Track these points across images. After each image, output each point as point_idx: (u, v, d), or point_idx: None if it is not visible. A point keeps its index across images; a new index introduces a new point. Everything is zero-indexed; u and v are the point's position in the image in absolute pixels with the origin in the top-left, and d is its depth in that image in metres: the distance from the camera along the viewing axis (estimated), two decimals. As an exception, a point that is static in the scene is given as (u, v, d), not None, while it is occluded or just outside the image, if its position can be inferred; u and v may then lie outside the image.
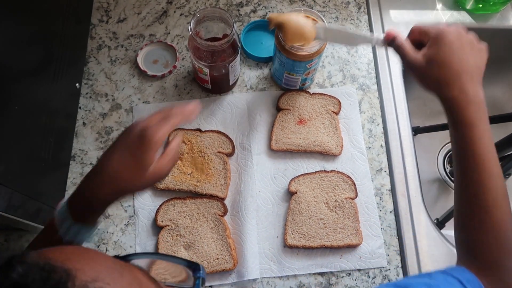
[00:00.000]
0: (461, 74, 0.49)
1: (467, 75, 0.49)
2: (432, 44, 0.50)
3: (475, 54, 0.50)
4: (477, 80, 0.50)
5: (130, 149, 0.49)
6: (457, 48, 0.49)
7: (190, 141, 0.75)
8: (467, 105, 0.48)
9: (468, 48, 0.50)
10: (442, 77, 0.50)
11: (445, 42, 0.49)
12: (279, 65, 0.75)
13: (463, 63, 0.49)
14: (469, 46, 0.50)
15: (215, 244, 0.69)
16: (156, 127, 0.49)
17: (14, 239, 0.71)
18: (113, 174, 0.48)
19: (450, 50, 0.49)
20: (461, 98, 0.49)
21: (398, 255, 0.72)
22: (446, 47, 0.49)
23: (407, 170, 0.77)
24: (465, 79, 0.49)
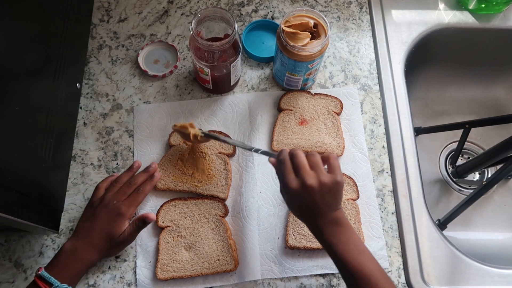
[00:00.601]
0: (310, 217, 0.58)
1: (318, 215, 0.56)
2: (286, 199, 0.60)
3: (326, 196, 0.56)
4: (328, 211, 0.57)
5: (107, 222, 0.65)
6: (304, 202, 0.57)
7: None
8: (321, 232, 0.56)
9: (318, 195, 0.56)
10: (298, 215, 0.60)
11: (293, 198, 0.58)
12: (281, 65, 0.75)
13: (311, 209, 0.57)
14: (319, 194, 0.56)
15: (216, 245, 0.69)
16: (126, 206, 0.66)
17: (14, 240, 0.70)
18: (96, 241, 0.64)
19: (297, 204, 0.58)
20: (315, 231, 0.58)
21: (400, 256, 0.72)
22: (295, 202, 0.58)
23: (409, 171, 0.77)
24: (315, 217, 0.57)
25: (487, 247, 0.96)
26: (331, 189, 0.57)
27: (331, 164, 0.59)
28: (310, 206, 0.56)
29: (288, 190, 0.57)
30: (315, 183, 0.56)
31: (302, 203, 0.57)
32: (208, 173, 0.73)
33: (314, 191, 0.56)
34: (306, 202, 0.56)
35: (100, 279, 0.69)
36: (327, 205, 0.57)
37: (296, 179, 0.57)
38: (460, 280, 0.71)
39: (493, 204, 1.01)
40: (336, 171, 0.58)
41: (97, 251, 0.64)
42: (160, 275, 0.67)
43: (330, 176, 0.57)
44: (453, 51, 0.98)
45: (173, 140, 0.75)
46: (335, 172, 0.58)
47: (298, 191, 0.56)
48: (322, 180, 0.56)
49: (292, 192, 0.56)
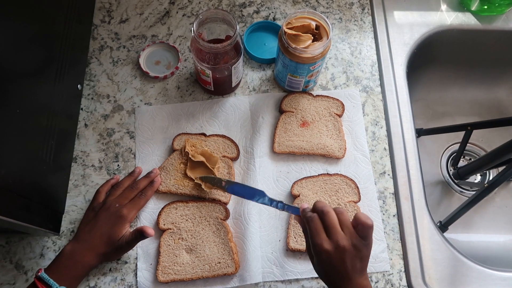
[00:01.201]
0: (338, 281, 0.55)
1: (345, 279, 0.54)
2: (315, 260, 0.56)
3: (355, 260, 0.54)
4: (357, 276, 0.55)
5: (108, 226, 0.66)
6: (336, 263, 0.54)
7: (195, 145, 0.75)
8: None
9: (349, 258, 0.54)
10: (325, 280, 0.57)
11: (324, 261, 0.54)
12: (282, 67, 0.74)
13: (340, 273, 0.54)
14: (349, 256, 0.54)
15: (217, 248, 0.69)
16: (128, 210, 0.67)
17: (15, 242, 0.70)
18: (96, 244, 0.65)
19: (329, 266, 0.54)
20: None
21: (401, 259, 0.71)
22: (325, 265, 0.55)
23: (410, 173, 0.77)
24: (342, 282, 0.54)
25: (489, 249, 0.95)
26: (362, 253, 0.55)
27: (364, 231, 0.55)
28: (339, 269, 0.54)
29: (319, 251, 0.54)
30: (348, 245, 0.54)
31: (332, 265, 0.54)
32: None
33: (346, 254, 0.54)
34: (336, 264, 0.54)
35: (101, 281, 0.69)
36: (355, 269, 0.55)
37: (329, 241, 0.54)
38: (462, 282, 0.71)
39: (494, 206, 1.01)
40: (368, 239, 0.56)
41: (96, 254, 0.64)
42: (161, 277, 0.67)
43: (361, 240, 0.55)
44: (455, 52, 0.98)
45: (176, 145, 0.75)
46: (367, 239, 0.56)
47: (330, 253, 0.54)
48: (354, 244, 0.54)
49: (324, 253, 0.54)
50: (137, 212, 0.69)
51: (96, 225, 0.66)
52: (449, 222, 0.89)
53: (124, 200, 0.69)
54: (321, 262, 0.55)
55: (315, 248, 0.55)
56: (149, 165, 0.75)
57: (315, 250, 0.55)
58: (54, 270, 0.62)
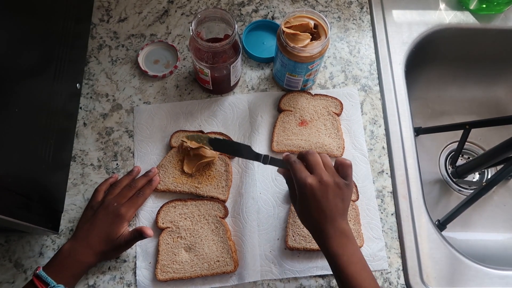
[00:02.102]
0: (321, 220, 0.56)
1: (329, 218, 0.56)
2: (299, 196, 0.58)
3: (338, 199, 0.57)
4: (339, 217, 0.57)
5: (107, 224, 0.66)
6: (318, 200, 0.56)
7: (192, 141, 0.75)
8: (329, 240, 0.56)
9: (331, 195, 0.56)
10: (308, 222, 0.59)
11: (307, 197, 0.56)
12: (281, 66, 0.75)
13: (323, 210, 0.56)
14: (332, 193, 0.56)
15: (216, 246, 0.69)
16: (126, 208, 0.67)
17: (14, 240, 0.70)
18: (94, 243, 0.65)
19: (312, 203, 0.56)
20: (324, 237, 0.56)
21: (399, 257, 0.72)
22: (309, 201, 0.57)
23: (408, 172, 0.77)
24: (325, 221, 0.56)
25: (487, 247, 0.96)
26: (343, 192, 0.57)
27: (344, 171, 0.59)
28: (322, 205, 0.56)
29: (303, 185, 0.56)
30: (331, 181, 0.57)
31: (315, 201, 0.56)
32: (208, 175, 0.73)
33: (328, 189, 0.56)
34: (319, 200, 0.56)
35: (100, 279, 0.69)
36: (337, 209, 0.57)
37: (312, 176, 0.57)
38: (460, 281, 0.71)
39: (493, 205, 1.01)
40: (349, 178, 0.59)
41: (95, 253, 0.65)
42: (160, 276, 0.67)
43: (343, 180, 0.58)
44: (454, 51, 0.98)
45: (174, 142, 0.75)
46: (348, 179, 0.58)
47: (314, 187, 0.56)
48: (336, 181, 0.57)
49: (308, 188, 0.56)
50: (135, 211, 0.70)
51: (95, 223, 0.66)
52: (447, 220, 0.89)
53: (122, 199, 0.69)
54: (305, 199, 0.57)
55: (299, 184, 0.57)
56: (148, 164, 0.75)
57: (299, 186, 0.57)
58: (53, 268, 0.62)
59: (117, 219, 0.66)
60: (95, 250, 0.65)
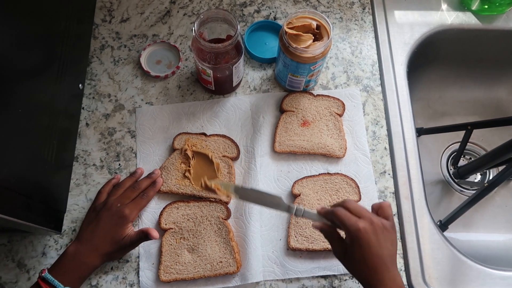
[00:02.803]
0: (378, 268, 0.54)
1: (384, 266, 0.54)
2: (350, 244, 0.55)
3: (389, 243, 0.55)
4: (393, 267, 0.55)
5: (111, 225, 0.66)
6: (374, 245, 0.54)
7: (195, 145, 0.75)
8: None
9: (383, 239, 0.54)
10: (362, 272, 0.55)
11: (362, 243, 0.53)
12: (283, 66, 0.75)
13: (380, 257, 0.54)
14: (383, 237, 0.54)
15: (219, 247, 0.69)
16: (130, 209, 0.67)
17: (17, 240, 0.71)
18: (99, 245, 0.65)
19: (367, 250, 0.54)
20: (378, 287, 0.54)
21: (401, 258, 0.72)
22: (364, 247, 0.54)
23: (410, 172, 0.77)
24: (381, 270, 0.54)
25: (489, 248, 0.96)
26: (392, 235, 0.56)
27: (385, 211, 0.58)
28: (378, 252, 0.54)
29: (356, 232, 0.54)
30: (379, 223, 0.55)
31: (370, 250, 0.53)
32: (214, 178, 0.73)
33: (379, 232, 0.54)
34: (374, 247, 0.53)
35: (102, 279, 0.69)
36: (390, 254, 0.55)
37: (362, 220, 0.54)
38: (461, 282, 0.71)
39: (494, 206, 1.01)
40: (391, 219, 0.57)
41: (99, 255, 0.65)
42: (163, 277, 0.68)
43: (386, 221, 0.56)
44: (456, 52, 0.98)
45: (177, 144, 0.76)
46: (390, 219, 0.57)
47: (368, 231, 0.54)
48: (383, 222, 0.56)
49: (362, 233, 0.53)
50: (138, 212, 0.70)
51: (99, 225, 0.66)
52: (449, 221, 0.89)
53: (125, 200, 0.69)
54: (359, 246, 0.54)
55: (351, 230, 0.54)
56: (150, 164, 0.76)
57: (351, 233, 0.54)
58: (58, 271, 0.62)
59: (120, 220, 0.66)
60: (100, 251, 0.65)
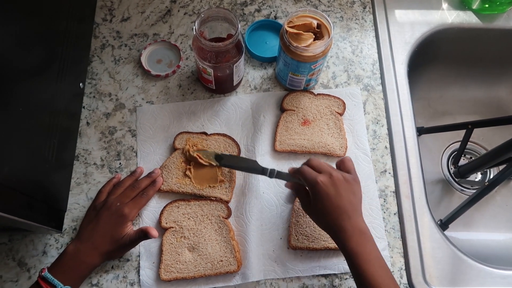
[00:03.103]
0: (339, 216, 0.58)
1: (344, 214, 0.58)
2: (313, 197, 0.60)
3: (349, 193, 0.59)
4: (355, 214, 0.59)
5: (110, 224, 0.66)
6: (333, 196, 0.58)
7: (196, 145, 0.75)
8: (348, 239, 0.57)
9: (343, 190, 0.58)
10: (325, 222, 0.59)
11: (322, 195, 0.58)
12: (284, 65, 0.75)
13: (340, 207, 0.58)
14: (343, 188, 0.58)
15: (219, 246, 0.69)
16: (129, 208, 0.68)
17: (18, 239, 0.71)
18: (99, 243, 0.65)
19: (327, 201, 0.58)
20: (342, 235, 0.57)
21: (402, 257, 0.72)
22: (324, 199, 0.58)
23: (411, 171, 0.77)
24: (342, 218, 0.57)
25: (489, 247, 0.96)
26: (352, 186, 0.60)
27: (347, 165, 0.62)
28: (337, 203, 0.58)
29: (315, 185, 0.58)
30: (339, 176, 0.59)
31: (330, 201, 0.58)
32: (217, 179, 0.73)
33: (339, 185, 0.58)
34: (333, 198, 0.57)
35: (103, 278, 0.69)
36: (352, 204, 0.59)
37: (322, 174, 0.59)
38: (462, 280, 0.71)
39: (495, 205, 1.01)
40: (352, 171, 0.62)
41: (99, 253, 0.65)
42: (164, 276, 0.68)
43: (348, 174, 0.61)
44: (456, 51, 0.98)
45: (178, 143, 0.76)
46: (352, 172, 0.62)
47: (326, 183, 0.58)
48: (344, 175, 0.60)
49: (321, 186, 0.58)
50: (138, 211, 0.70)
51: (98, 224, 0.66)
52: (450, 220, 0.89)
53: (125, 199, 0.69)
54: (319, 199, 0.58)
55: (311, 184, 0.59)
56: (151, 163, 0.76)
57: (312, 187, 0.59)
58: (58, 270, 0.62)
59: (120, 219, 0.66)
60: (100, 250, 0.65)
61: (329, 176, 0.59)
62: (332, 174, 0.59)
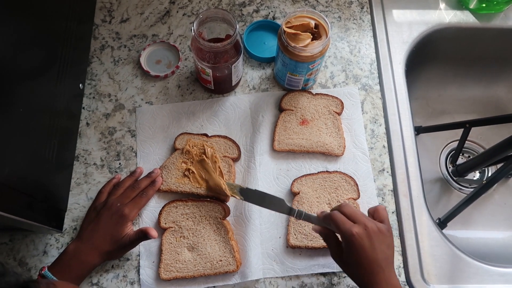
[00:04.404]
0: (373, 270, 0.55)
1: (379, 268, 0.55)
2: (346, 248, 0.57)
3: (384, 246, 0.57)
4: (388, 268, 0.56)
5: (111, 225, 0.66)
6: (368, 249, 0.55)
7: (197, 146, 0.75)
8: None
9: (378, 242, 0.56)
10: (357, 275, 0.57)
11: (356, 247, 0.55)
12: (282, 65, 0.75)
13: (374, 260, 0.55)
14: (378, 241, 0.56)
15: (218, 246, 0.69)
16: (130, 209, 0.68)
17: (18, 239, 0.71)
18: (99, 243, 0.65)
19: (362, 254, 0.55)
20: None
21: (400, 255, 0.72)
22: (358, 251, 0.55)
23: (409, 170, 0.77)
24: (376, 272, 0.55)
25: (487, 245, 0.96)
26: (387, 238, 0.58)
27: (381, 215, 0.60)
28: (372, 257, 0.55)
29: (350, 235, 0.56)
30: (374, 227, 0.57)
31: (364, 252, 0.55)
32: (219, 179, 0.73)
33: (374, 237, 0.56)
34: (368, 251, 0.55)
35: (103, 277, 0.70)
36: (385, 257, 0.56)
37: (357, 225, 0.56)
38: (460, 278, 0.72)
39: (493, 203, 1.02)
40: (386, 222, 0.59)
41: (99, 253, 0.65)
42: (164, 275, 0.68)
43: (382, 224, 0.58)
44: (454, 50, 0.98)
45: (178, 144, 0.76)
46: (386, 222, 0.59)
47: (362, 235, 0.55)
48: (378, 227, 0.57)
49: (356, 238, 0.55)
50: (138, 211, 0.70)
51: (99, 224, 0.67)
52: (448, 219, 0.89)
53: (125, 199, 0.69)
54: (353, 251, 0.56)
55: (345, 235, 0.56)
56: (151, 164, 0.76)
57: (346, 238, 0.56)
58: (58, 269, 0.62)
59: (120, 219, 0.67)
60: (100, 250, 0.65)
61: (364, 228, 0.56)
62: (367, 225, 0.56)
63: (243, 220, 0.72)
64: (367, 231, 0.56)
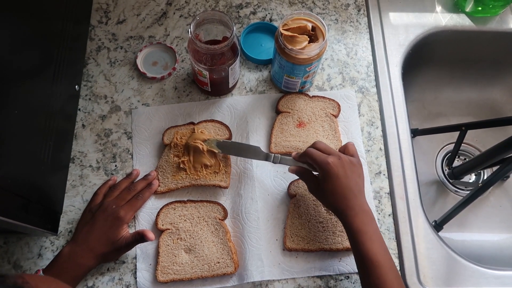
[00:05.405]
0: (347, 196, 0.61)
1: (351, 193, 0.61)
2: (322, 178, 0.63)
3: (355, 175, 0.63)
4: (360, 194, 0.63)
5: (106, 227, 0.66)
6: (342, 176, 0.61)
7: (185, 136, 0.75)
8: (354, 217, 0.60)
9: (349, 171, 0.62)
10: (333, 201, 0.62)
11: (331, 175, 0.61)
12: (279, 68, 0.75)
13: (348, 187, 0.61)
14: (350, 170, 0.62)
15: (216, 248, 0.69)
16: (125, 211, 0.68)
17: (13, 242, 0.71)
18: (94, 245, 0.65)
19: (336, 181, 0.61)
20: (348, 214, 0.61)
21: (397, 258, 0.72)
22: (333, 179, 0.61)
23: (405, 173, 0.78)
24: (350, 197, 0.61)
25: (483, 248, 0.96)
26: (358, 168, 0.64)
27: (350, 150, 0.66)
28: (346, 184, 0.61)
29: (326, 166, 0.61)
30: (347, 158, 0.63)
31: (339, 181, 0.61)
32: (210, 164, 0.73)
33: (347, 167, 0.62)
34: (342, 178, 0.61)
35: (99, 280, 0.69)
36: (357, 185, 0.62)
37: (332, 156, 0.62)
38: (456, 281, 0.72)
39: (489, 206, 1.02)
40: (356, 155, 0.65)
41: (95, 256, 0.65)
42: (161, 277, 0.68)
43: (353, 157, 0.64)
44: (450, 53, 0.98)
45: (166, 139, 0.76)
46: (355, 155, 0.65)
47: (336, 164, 0.61)
48: (350, 158, 0.64)
49: (332, 166, 0.61)
50: (134, 213, 0.70)
51: (94, 226, 0.66)
52: (444, 221, 0.90)
53: (121, 201, 0.69)
54: (329, 179, 0.61)
55: (322, 165, 0.62)
56: (147, 165, 0.76)
57: (322, 168, 0.62)
58: (53, 272, 0.62)
59: (116, 221, 0.66)
60: (95, 252, 0.65)
61: (338, 158, 0.62)
62: (340, 156, 0.63)
63: (240, 222, 0.72)
64: (341, 161, 0.62)
